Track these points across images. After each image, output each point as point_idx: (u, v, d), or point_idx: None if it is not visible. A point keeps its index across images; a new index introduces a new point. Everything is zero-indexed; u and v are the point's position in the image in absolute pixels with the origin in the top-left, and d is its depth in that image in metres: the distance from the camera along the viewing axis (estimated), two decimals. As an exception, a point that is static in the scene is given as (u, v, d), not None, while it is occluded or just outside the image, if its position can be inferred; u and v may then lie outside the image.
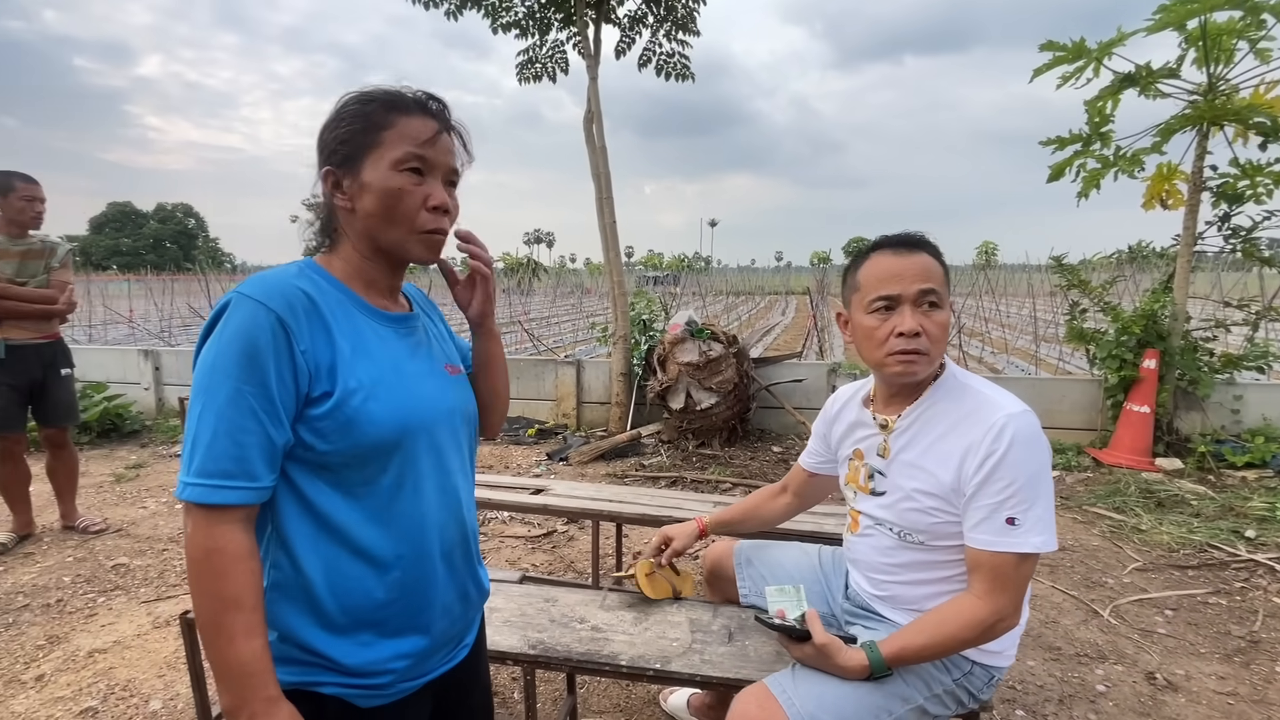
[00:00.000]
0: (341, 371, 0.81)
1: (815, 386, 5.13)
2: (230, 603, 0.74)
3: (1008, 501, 1.08)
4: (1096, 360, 4.69)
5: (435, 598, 0.91)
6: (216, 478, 0.74)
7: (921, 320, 1.16)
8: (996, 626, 1.11)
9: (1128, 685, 2.11)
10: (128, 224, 75.45)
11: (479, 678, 1.11)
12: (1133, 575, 2.86)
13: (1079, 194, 4.48)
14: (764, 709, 1.15)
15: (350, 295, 0.87)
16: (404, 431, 0.85)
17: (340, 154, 0.85)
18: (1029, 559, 1.09)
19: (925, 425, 1.21)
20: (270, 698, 0.76)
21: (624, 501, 2.44)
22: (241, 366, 0.75)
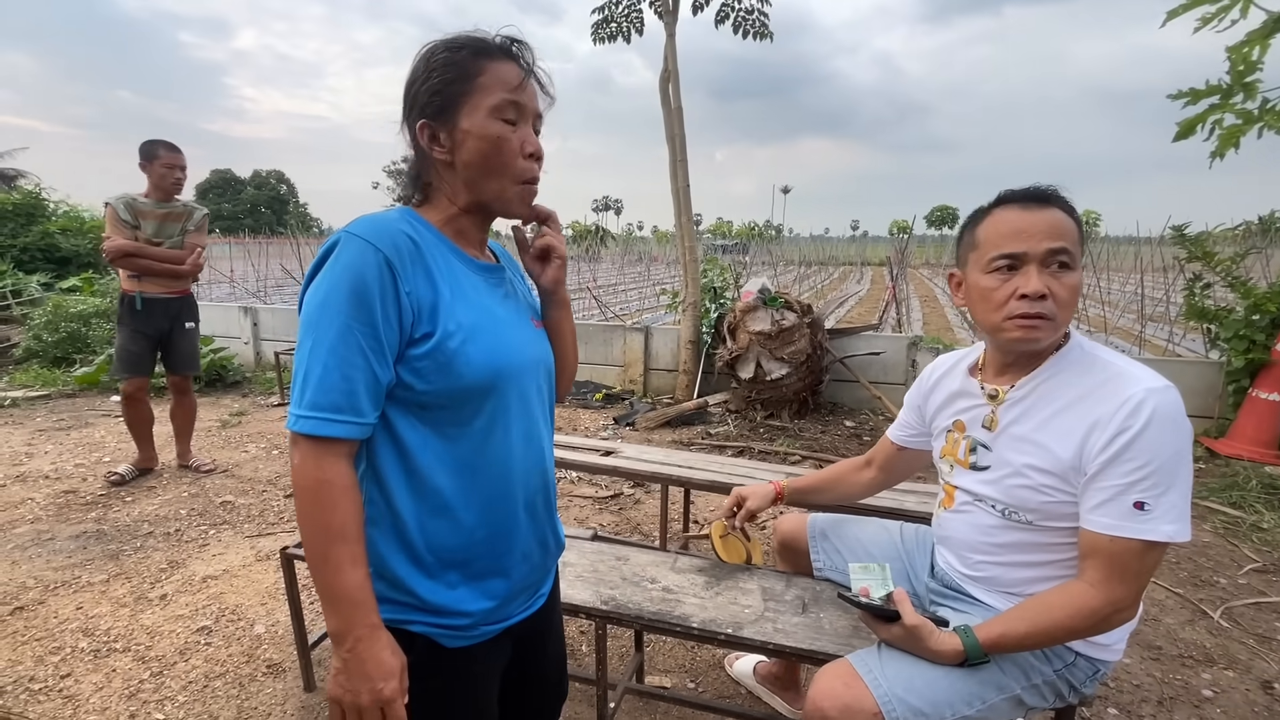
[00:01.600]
0: (442, 314, 0.82)
1: (893, 360, 4.91)
2: (337, 533, 0.77)
3: (1139, 484, 0.98)
4: (1219, 341, 4.23)
5: (517, 543, 0.93)
6: (327, 411, 0.77)
7: (1049, 282, 1.06)
8: (1111, 619, 1.02)
9: (1239, 692, 1.93)
10: (228, 190, 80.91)
11: (554, 627, 1.14)
12: (1249, 576, 2.61)
13: (1214, 153, 3.98)
14: (850, 688, 1.11)
15: (447, 242, 0.88)
16: (497, 376, 0.86)
17: (434, 105, 0.84)
18: (1156, 548, 0.99)
19: (1044, 397, 1.11)
20: (374, 624, 0.79)
21: (693, 467, 2.43)
22: (351, 304, 0.76)
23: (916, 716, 1.08)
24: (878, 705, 1.07)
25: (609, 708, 1.63)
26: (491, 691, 0.97)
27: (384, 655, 0.79)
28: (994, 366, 1.22)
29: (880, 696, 1.08)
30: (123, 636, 2.14)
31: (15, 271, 7.72)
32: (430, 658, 0.88)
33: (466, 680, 0.92)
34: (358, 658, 0.78)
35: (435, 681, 0.89)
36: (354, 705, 0.79)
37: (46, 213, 8.41)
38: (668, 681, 1.98)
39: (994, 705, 1.11)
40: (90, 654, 2.05)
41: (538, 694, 1.14)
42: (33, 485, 3.43)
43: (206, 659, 2.04)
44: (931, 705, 1.08)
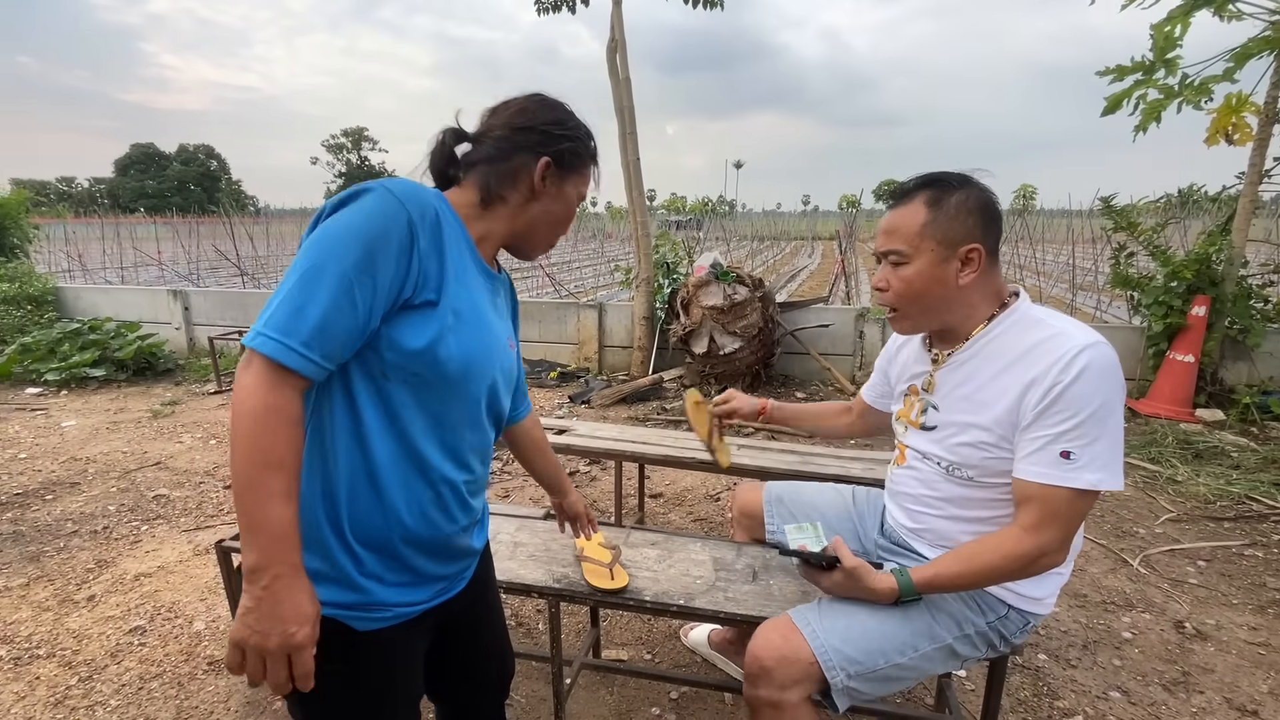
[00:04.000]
0: (445, 290, 0.84)
1: (842, 332, 5.02)
2: (276, 462, 0.74)
3: (1067, 434, 1.02)
4: (1141, 307, 4.49)
5: (439, 529, 0.92)
6: (296, 340, 0.74)
7: (889, 275, 1.19)
8: (1039, 562, 1.07)
9: (1155, 633, 2.08)
10: (151, 166, 75.78)
11: (489, 608, 1.14)
12: (1165, 526, 2.81)
13: (1137, 127, 4.18)
14: (788, 640, 1.14)
15: (466, 236, 0.91)
16: (466, 370, 0.87)
17: (567, 162, 0.95)
18: (1084, 496, 1.04)
19: (986, 359, 1.15)
20: (296, 564, 0.75)
21: (646, 443, 2.43)
22: (362, 248, 0.76)
23: (851, 665, 1.12)
24: (814, 655, 1.12)
25: (565, 684, 1.63)
26: (407, 676, 0.95)
27: (301, 598, 0.75)
28: (935, 336, 1.26)
29: (816, 647, 1.12)
30: (46, 642, 2.02)
31: (-93, 256, 7.05)
32: (337, 641, 0.85)
33: (376, 665, 0.90)
34: (273, 597, 0.73)
35: (340, 666, 0.86)
36: (259, 648, 0.73)
37: (-62, 191, 7.66)
38: (625, 654, 2.00)
39: (927, 654, 1.16)
40: (10, 662, 1.92)
41: (478, 674, 1.14)
42: (-62, 486, 3.18)
43: (141, 660, 1.94)
44: (865, 654, 1.13)
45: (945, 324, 1.19)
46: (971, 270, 1.13)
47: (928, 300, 1.16)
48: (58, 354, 5.22)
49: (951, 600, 1.18)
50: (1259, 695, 1.81)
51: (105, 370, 5.15)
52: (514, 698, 1.79)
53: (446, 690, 1.15)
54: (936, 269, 1.13)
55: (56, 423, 4.18)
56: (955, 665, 1.23)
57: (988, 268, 1.14)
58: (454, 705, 1.18)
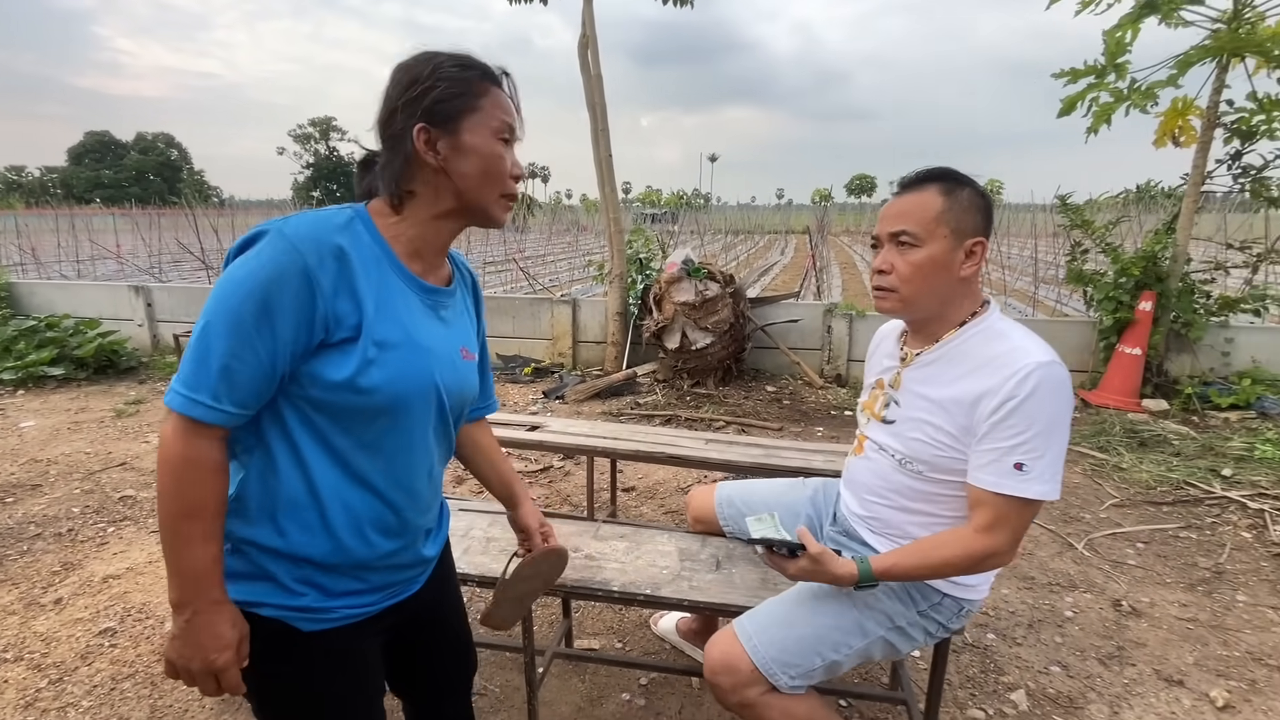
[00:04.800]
0: (365, 325, 0.83)
1: (811, 327, 5.14)
2: (194, 509, 0.79)
3: (1020, 447, 1.10)
4: (1093, 302, 4.69)
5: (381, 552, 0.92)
6: (203, 395, 0.77)
7: (893, 258, 1.21)
8: (988, 560, 1.16)
9: (1094, 611, 2.22)
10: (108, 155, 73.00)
11: (446, 603, 1.14)
12: (1109, 511, 2.97)
13: (1089, 129, 4.35)
14: (728, 654, 1.25)
15: (389, 255, 0.87)
16: (399, 401, 0.87)
17: (440, 112, 0.85)
18: (1032, 505, 1.12)
19: (950, 363, 1.22)
20: (216, 600, 0.82)
21: (618, 439, 2.49)
22: (257, 302, 0.76)
23: (789, 668, 1.22)
24: (754, 665, 1.22)
25: (537, 673, 1.69)
26: (360, 675, 0.97)
27: (221, 629, 0.82)
28: (911, 333, 1.34)
29: (756, 659, 1.22)
30: (13, 646, 2.00)
31: None
32: (283, 642, 0.88)
33: (324, 665, 0.91)
34: (193, 628, 0.81)
35: (286, 667, 0.89)
36: (185, 669, 0.83)
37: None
38: (596, 644, 2.06)
39: (860, 649, 1.25)
40: (-24, 667, 1.91)
41: (440, 672, 1.17)
42: (-109, 491, 3.09)
43: (112, 661, 1.94)
44: (801, 656, 1.22)
45: (933, 314, 1.24)
46: (973, 263, 1.19)
47: (930, 286, 1.19)
48: (13, 352, 5.07)
49: (884, 598, 1.27)
50: (1185, 666, 1.95)
51: (64, 369, 5.02)
52: (488, 688, 1.84)
53: (408, 688, 1.17)
54: (946, 256, 1.18)
55: (14, 423, 4.08)
56: (896, 654, 1.32)
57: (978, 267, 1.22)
58: (417, 702, 1.20)
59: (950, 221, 1.17)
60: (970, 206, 1.19)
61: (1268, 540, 2.66)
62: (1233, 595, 2.31)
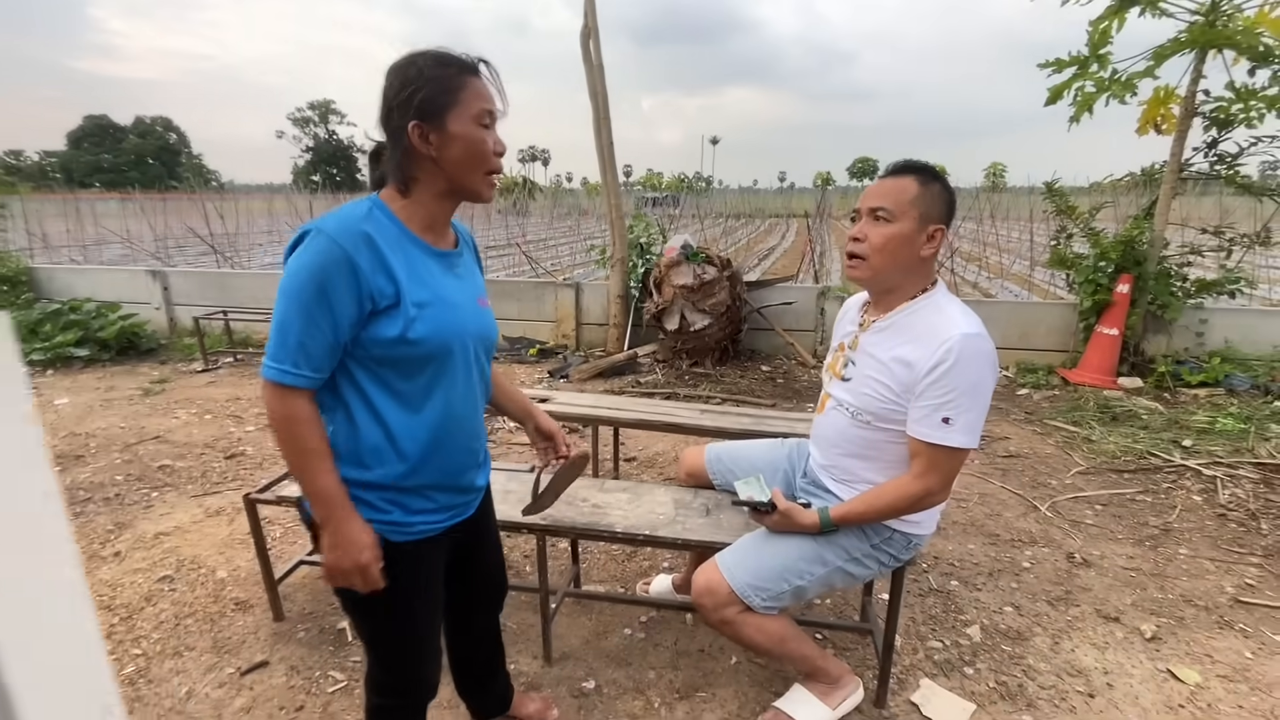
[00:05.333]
0: (403, 292, 1.04)
1: (805, 309, 5.35)
2: (309, 451, 1.04)
3: (947, 404, 1.33)
4: (1074, 285, 4.89)
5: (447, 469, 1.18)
6: (287, 365, 1.01)
7: (868, 229, 1.41)
8: (924, 500, 1.40)
9: (1049, 563, 2.47)
10: (106, 139, 72.69)
11: (489, 533, 1.44)
12: (1074, 478, 3.21)
13: (1071, 118, 4.52)
14: (710, 580, 1.51)
15: (407, 233, 1.08)
16: (443, 348, 1.09)
17: (429, 109, 1.01)
18: (958, 453, 1.36)
19: (896, 330, 1.45)
20: (349, 510, 1.07)
21: (621, 409, 2.72)
22: (314, 288, 0.98)
23: (759, 591, 1.47)
24: (730, 587, 1.47)
25: (551, 609, 1.94)
26: (434, 576, 1.24)
27: (357, 533, 1.06)
28: (871, 304, 1.56)
29: (732, 582, 1.48)
30: (83, 590, 2.25)
31: None
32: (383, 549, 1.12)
33: (412, 566, 1.17)
34: (338, 535, 1.05)
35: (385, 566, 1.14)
36: (339, 569, 1.07)
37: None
38: (601, 588, 2.31)
39: (821, 577, 1.50)
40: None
41: (481, 583, 1.45)
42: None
43: (174, 602, 2.20)
44: (769, 581, 1.47)
45: (894, 285, 1.45)
46: (932, 246, 1.41)
47: (894, 258, 1.40)
48: (39, 334, 5.30)
49: (841, 534, 1.51)
50: (1123, 606, 2.19)
51: (89, 350, 5.26)
52: (506, 624, 2.09)
53: (453, 597, 1.43)
54: (911, 234, 1.39)
55: (49, 400, 4.32)
56: (855, 581, 1.57)
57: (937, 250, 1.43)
58: (459, 610, 1.46)
59: (920, 205, 1.39)
60: (938, 198, 1.41)
61: (1215, 503, 2.90)
62: (1175, 549, 2.55)
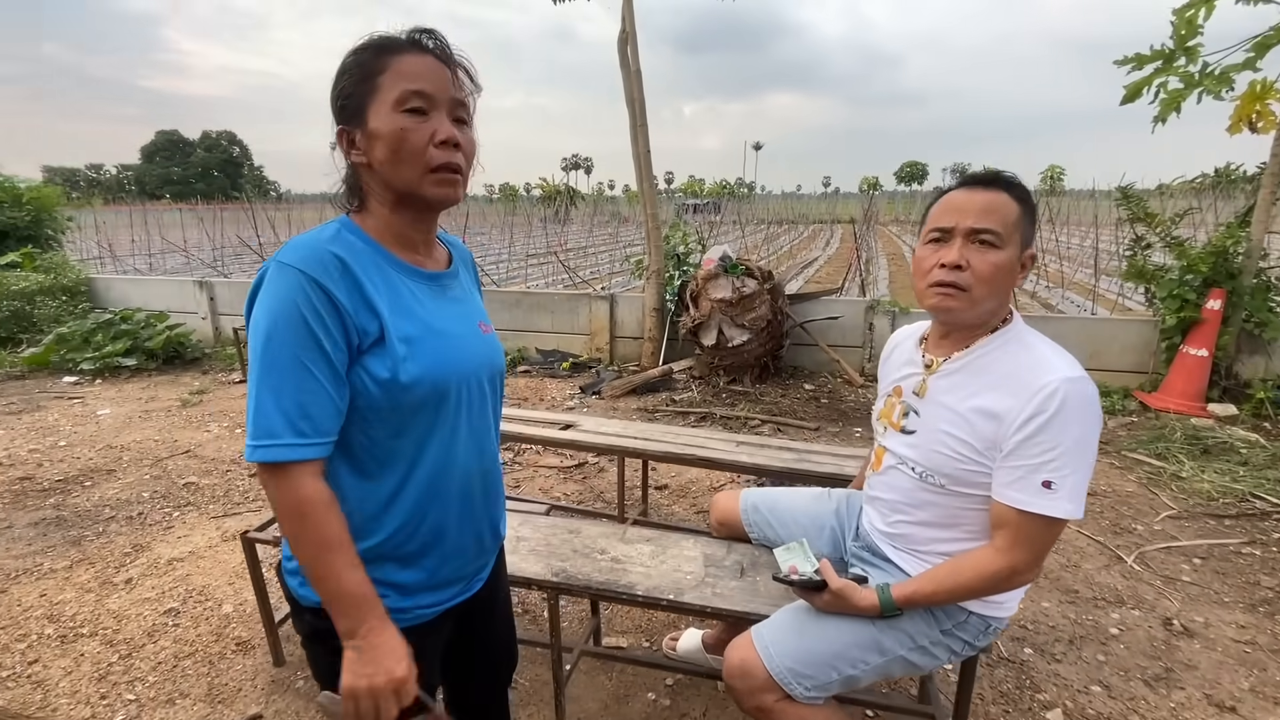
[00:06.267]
0: (386, 325, 0.85)
1: (851, 324, 5.03)
2: (331, 545, 0.82)
3: (1048, 465, 1.07)
4: (1155, 300, 4.44)
5: (450, 539, 0.97)
6: (292, 435, 0.80)
7: (970, 254, 1.15)
8: (1011, 580, 1.14)
9: (1142, 630, 2.13)
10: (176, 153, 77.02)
11: (497, 606, 1.20)
12: (1164, 523, 2.83)
13: (1156, 118, 4.10)
14: (745, 660, 1.26)
15: (384, 253, 0.89)
16: (437, 392, 0.89)
17: (347, 110, 0.86)
18: (1058, 523, 1.10)
19: (974, 373, 1.20)
20: (382, 616, 0.85)
21: (649, 439, 2.51)
22: (294, 332, 0.79)
23: (804, 679, 1.22)
24: (768, 673, 1.23)
25: (565, 670, 1.74)
26: (431, 666, 1.02)
27: (394, 641, 0.85)
28: (934, 339, 1.30)
29: (770, 667, 1.23)
30: (89, 621, 2.18)
31: (-51, 247, 7.33)
32: None
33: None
34: (371, 645, 0.83)
35: None
36: (370, 690, 0.83)
37: (-24, 184, 7.92)
38: (624, 642, 2.10)
39: (878, 666, 1.24)
40: (57, 640, 2.09)
41: (485, 664, 1.22)
42: (-14, 473, 3.38)
43: (175, 639, 2.09)
44: (816, 669, 1.22)
45: (983, 319, 1.20)
46: (1025, 275, 1.18)
47: (1001, 290, 1.15)
48: (91, 344, 5.44)
49: (904, 616, 1.25)
50: (1239, 692, 1.85)
51: (137, 359, 5.37)
52: (518, 681, 1.90)
53: (454, 676, 1.22)
54: (1014, 262, 1.15)
55: (93, 411, 4.39)
56: (918, 670, 1.31)
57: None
58: (461, 689, 1.26)
59: (1023, 229, 1.16)
60: (1031, 220, 1.17)
61: (1342, 560, 2.49)
62: (1298, 618, 2.18)
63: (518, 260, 13.68)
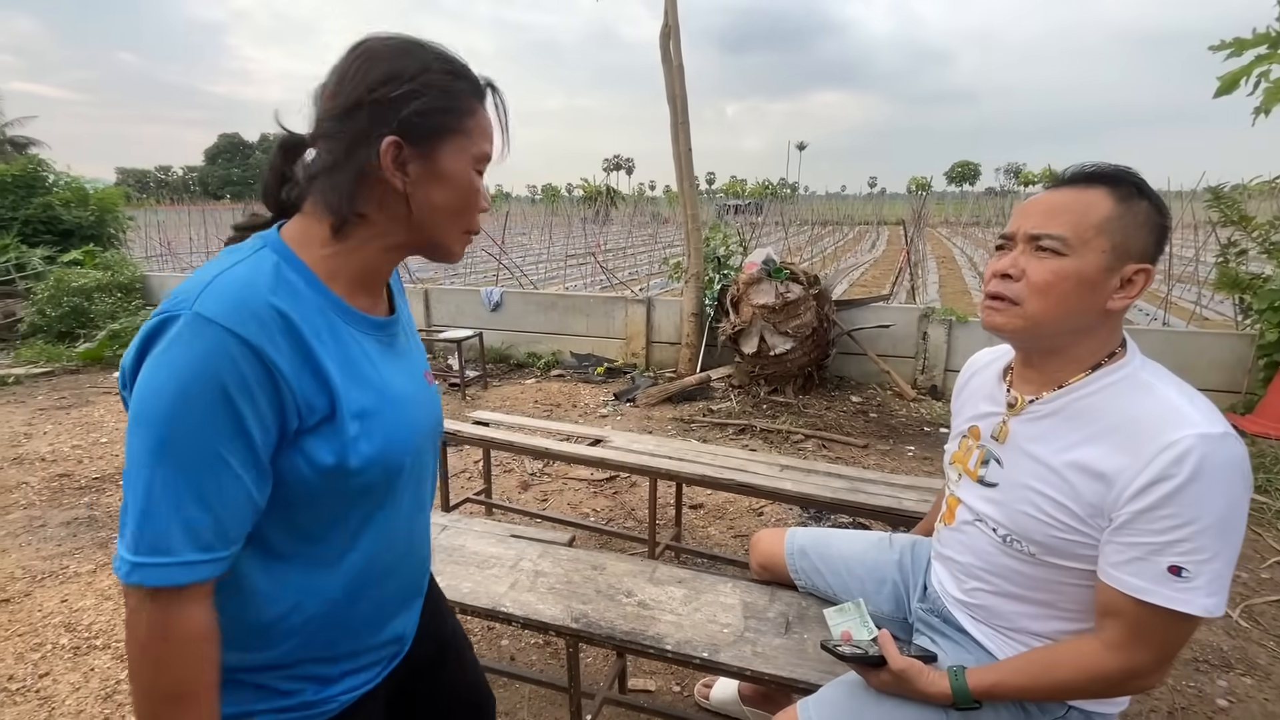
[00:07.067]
0: (337, 398, 0.68)
1: (904, 333, 4.73)
2: (188, 694, 0.64)
3: (1177, 545, 0.84)
4: (1252, 312, 4.00)
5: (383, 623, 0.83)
6: (191, 550, 0.61)
7: (1026, 262, 0.95)
8: (1126, 685, 0.91)
9: (1256, 702, 1.83)
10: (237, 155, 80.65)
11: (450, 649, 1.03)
12: (1273, 570, 2.48)
13: (1257, 109, 3.68)
14: None
15: (333, 300, 0.70)
16: (388, 472, 0.74)
17: (418, 129, 0.68)
18: (1191, 621, 0.86)
19: (1073, 418, 0.96)
20: None
21: (684, 459, 2.32)
22: (213, 415, 0.60)
23: None
24: None
25: (585, 719, 1.57)
26: None
27: None
28: (1019, 368, 1.07)
29: None
30: (104, 633, 2.12)
31: (19, 245, 7.69)
32: None
33: None
34: None
35: None
36: None
37: (46, 184, 8.31)
38: (652, 685, 1.91)
39: None
40: (70, 651, 2.03)
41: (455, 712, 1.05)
42: (29, 468, 3.43)
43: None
44: None
45: (1058, 347, 0.98)
46: (1128, 295, 0.93)
47: (1064, 307, 0.93)
48: (141, 340, 5.58)
49: (987, 708, 1.02)
50: (1388, 792, 1.55)
51: (182, 356, 5.47)
52: (535, 726, 1.74)
53: None
54: (1097, 275, 0.92)
55: (135, 408, 4.46)
56: None
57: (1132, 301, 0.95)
58: None
59: (1114, 234, 0.91)
60: (1145, 223, 0.92)
61: None
62: None
63: (556, 261, 13.65)
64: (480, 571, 1.60)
